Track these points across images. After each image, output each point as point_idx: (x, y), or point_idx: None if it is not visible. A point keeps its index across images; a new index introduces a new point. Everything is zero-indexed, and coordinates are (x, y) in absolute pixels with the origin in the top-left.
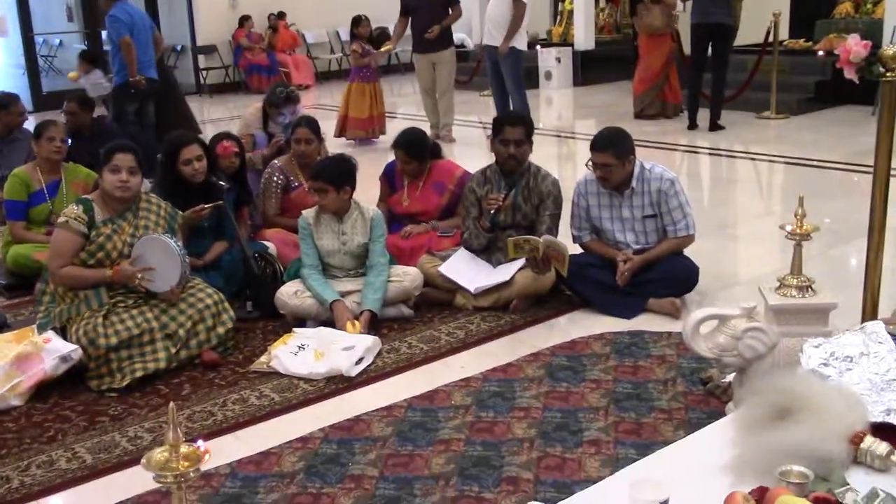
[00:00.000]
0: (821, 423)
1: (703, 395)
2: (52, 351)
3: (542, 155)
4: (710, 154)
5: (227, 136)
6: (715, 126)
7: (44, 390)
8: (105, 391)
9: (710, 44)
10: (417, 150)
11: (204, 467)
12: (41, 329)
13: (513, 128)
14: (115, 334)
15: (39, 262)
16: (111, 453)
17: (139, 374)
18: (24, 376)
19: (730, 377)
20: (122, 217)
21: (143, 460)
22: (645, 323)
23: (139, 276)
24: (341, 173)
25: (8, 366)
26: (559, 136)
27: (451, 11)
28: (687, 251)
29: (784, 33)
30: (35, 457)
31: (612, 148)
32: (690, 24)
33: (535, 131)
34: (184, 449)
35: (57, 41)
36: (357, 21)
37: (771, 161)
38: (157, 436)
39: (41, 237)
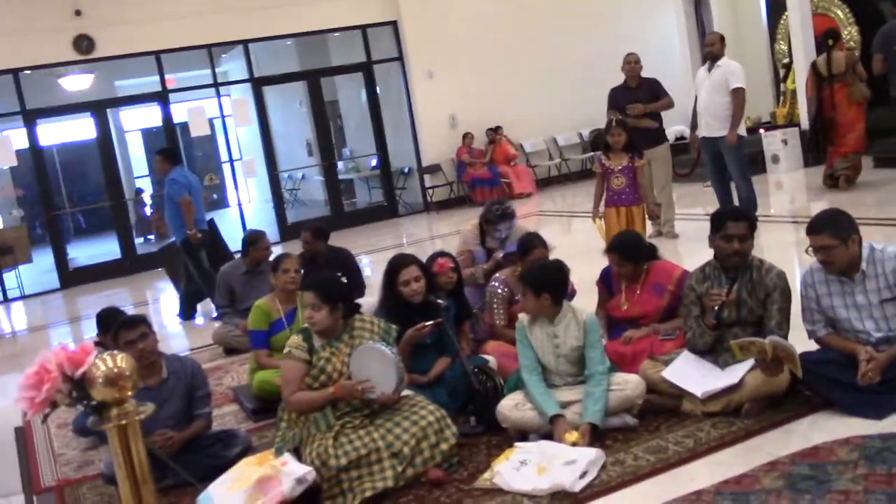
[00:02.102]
0: None
1: None
2: (289, 473)
3: (778, 242)
4: None
5: (441, 254)
6: None
7: None
8: None
9: None
10: (631, 253)
11: None
12: (278, 452)
13: (736, 223)
14: (345, 455)
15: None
16: None
17: (368, 493)
18: (266, 498)
19: None
20: (338, 339)
21: None
22: None
23: (359, 388)
24: (545, 281)
25: (251, 489)
26: (795, 222)
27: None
28: None
29: None
30: None
31: (828, 228)
32: None
33: (769, 218)
34: None
35: (300, 175)
36: (608, 127)
37: None
38: None
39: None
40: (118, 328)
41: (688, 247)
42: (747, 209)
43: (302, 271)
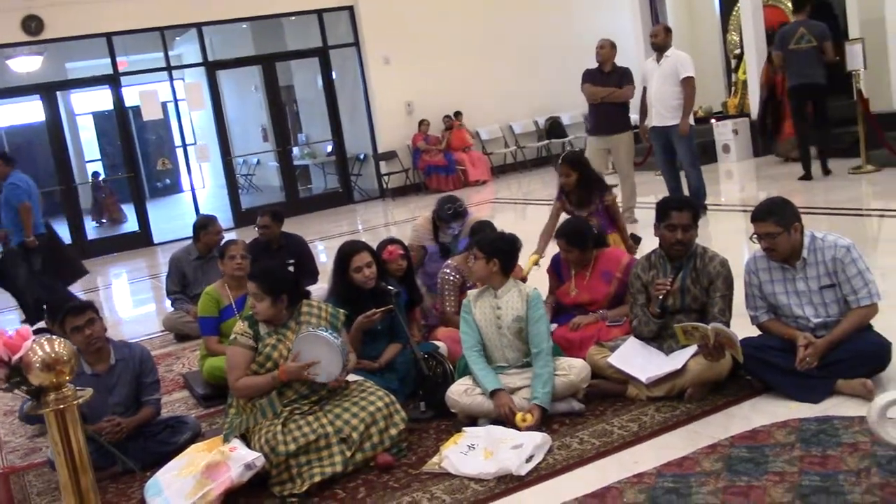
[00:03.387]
0: None
1: None
2: (238, 459)
3: (727, 230)
4: None
5: (391, 241)
6: None
7: (231, 497)
8: (287, 497)
9: None
10: (577, 239)
11: None
12: (227, 438)
13: (679, 213)
14: (294, 441)
15: None
16: None
17: (317, 478)
18: (214, 484)
19: None
20: (284, 326)
21: None
22: (834, 407)
23: (305, 372)
24: (497, 246)
25: (199, 474)
26: (744, 210)
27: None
28: (879, 325)
29: None
30: None
31: (772, 216)
32: None
33: (719, 206)
34: None
35: (255, 160)
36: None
37: None
38: None
39: None
40: (65, 314)
41: (643, 233)
42: (691, 199)
43: (250, 257)
